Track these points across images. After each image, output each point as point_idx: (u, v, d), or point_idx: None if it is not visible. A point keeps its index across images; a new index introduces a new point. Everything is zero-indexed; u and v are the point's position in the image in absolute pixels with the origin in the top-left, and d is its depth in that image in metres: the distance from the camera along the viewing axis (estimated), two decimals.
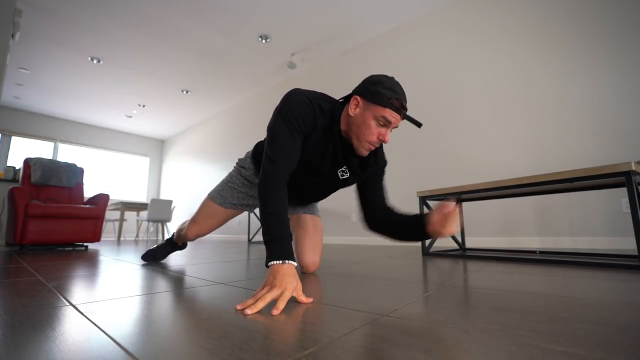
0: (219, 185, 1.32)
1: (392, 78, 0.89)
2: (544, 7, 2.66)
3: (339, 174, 1.04)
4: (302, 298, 0.72)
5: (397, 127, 0.91)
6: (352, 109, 0.90)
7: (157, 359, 0.40)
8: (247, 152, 1.31)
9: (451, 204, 0.79)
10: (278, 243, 0.76)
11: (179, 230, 1.49)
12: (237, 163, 1.31)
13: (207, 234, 1.64)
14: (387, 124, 0.88)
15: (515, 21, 2.82)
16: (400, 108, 0.86)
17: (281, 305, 0.64)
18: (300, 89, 0.92)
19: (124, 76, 4.94)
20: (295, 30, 3.82)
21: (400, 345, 0.44)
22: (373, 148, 0.93)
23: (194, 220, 1.34)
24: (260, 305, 0.64)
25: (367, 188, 1.05)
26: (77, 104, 6.01)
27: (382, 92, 0.85)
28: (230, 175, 1.31)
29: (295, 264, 0.77)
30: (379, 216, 1.02)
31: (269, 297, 0.67)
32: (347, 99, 0.98)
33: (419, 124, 0.89)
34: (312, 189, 1.11)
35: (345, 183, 1.08)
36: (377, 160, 1.05)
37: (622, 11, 2.30)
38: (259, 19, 3.61)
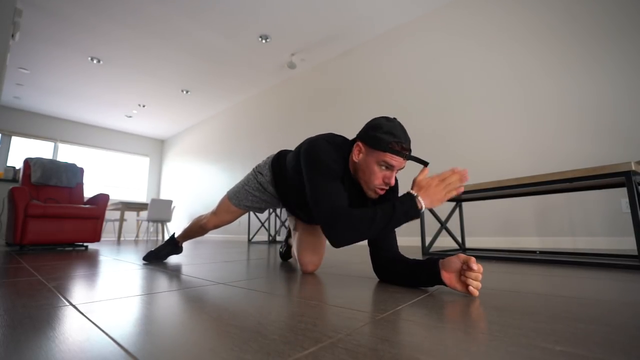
0: (237, 186, 1.40)
1: (393, 120, 0.89)
2: (544, 7, 2.66)
3: None
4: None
5: (402, 168, 0.91)
6: (356, 155, 0.94)
7: (157, 359, 0.40)
8: (267, 158, 1.35)
9: (475, 263, 0.73)
10: (400, 211, 0.81)
11: (193, 225, 1.53)
12: (255, 168, 1.37)
13: (224, 226, 1.85)
14: (390, 167, 0.89)
15: (515, 21, 2.82)
16: (401, 150, 0.86)
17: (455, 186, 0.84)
18: (318, 142, 0.97)
19: (124, 76, 4.93)
20: (295, 30, 3.82)
21: (400, 345, 0.44)
22: (382, 192, 0.94)
23: (214, 213, 1.44)
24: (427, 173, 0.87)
25: None
26: (77, 104, 6.01)
27: (381, 137, 0.87)
28: (247, 179, 1.37)
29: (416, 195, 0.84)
30: (389, 262, 0.96)
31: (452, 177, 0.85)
32: (354, 141, 1.00)
33: (425, 163, 0.87)
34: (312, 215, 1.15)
35: None
36: (395, 196, 1.03)
37: (621, 11, 2.30)
38: (259, 19, 3.61)
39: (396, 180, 1.05)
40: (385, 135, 0.86)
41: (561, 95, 2.51)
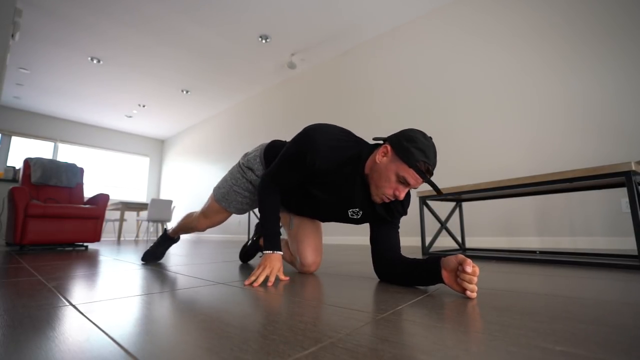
0: (224, 187, 1.28)
1: (429, 139, 0.87)
2: (546, 6, 2.66)
3: (349, 213, 1.05)
4: (282, 277, 1.02)
5: (415, 188, 0.89)
6: (380, 156, 0.90)
7: (157, 359, 0.40)
8: (255, 150, 1.23)
9: (470, 265, 0.72)
10: (269, 239, 1.03)
11: (184, 224, 1.46)
12: (242, 162, 1.24)
13: (218, 225, 1.80)
14: (406, 183, 0.87)
15: (515, 20, 2.82)
16: (425, 173, 0.84)
17: (272, 278, 0.96)
18: (322, 130, 0.93)
19: (124, 76, 4.93)
20: (295, 30, 3.82)
21: (401, 345, 0.44)
22: (386, 201, 0.92)
23: (204, 214, 1.36)
24: (261, 279, 0.94)
25: (382, 232, 1.01)
26: (77, 104, 6.01)
27: (413, 151, 0.84)
28: (234, 177, 1.25)
29: (281, 253, 1.04)
30: (390, 262, 0.96)
31: (263, 274, 0.96)
32: (380, 144, 0.97)
33: (439, 192, 0.87)
34: (314, 211, 1.12)
35: (355, 221, 1.08)
36: (404, 207, 1.01)
37: (624, 10, 2.30)
38: (259, 19, 3.61)
39: (408, 195, 1.01)
40: (417, 152, 0.83)
41: (562, 95, 2.50)
